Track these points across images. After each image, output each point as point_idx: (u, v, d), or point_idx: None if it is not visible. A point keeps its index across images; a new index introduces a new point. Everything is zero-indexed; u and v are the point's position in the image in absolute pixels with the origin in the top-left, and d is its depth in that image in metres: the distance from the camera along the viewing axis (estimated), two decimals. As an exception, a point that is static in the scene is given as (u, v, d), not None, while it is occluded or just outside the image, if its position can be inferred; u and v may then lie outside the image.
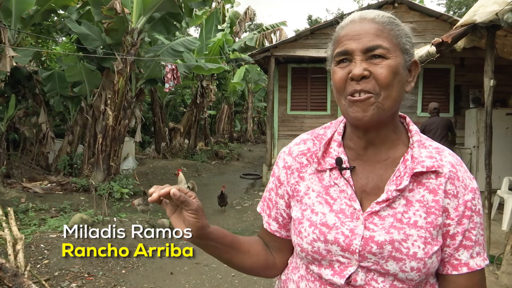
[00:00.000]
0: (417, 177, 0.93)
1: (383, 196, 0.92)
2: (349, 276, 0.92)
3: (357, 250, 0.90)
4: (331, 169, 0.99)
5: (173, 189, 0.90)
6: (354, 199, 0.94)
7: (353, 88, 0.90)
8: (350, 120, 0.94)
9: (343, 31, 0.96)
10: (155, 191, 0.92)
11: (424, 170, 0.92)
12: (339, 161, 0.97)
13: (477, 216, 0.94)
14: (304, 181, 1.03)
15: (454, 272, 0.94)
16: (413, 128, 1.01)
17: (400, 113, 1.02)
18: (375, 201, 0.93)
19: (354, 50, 0.91)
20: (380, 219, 0.92)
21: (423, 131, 7.07)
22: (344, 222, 0.93)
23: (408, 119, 1.04)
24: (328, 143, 1.02)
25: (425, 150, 0.95)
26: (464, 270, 0.94)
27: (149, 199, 0.92)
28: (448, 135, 6.93)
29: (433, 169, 0.92)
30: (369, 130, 0.95)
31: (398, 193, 0.92)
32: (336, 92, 0.95)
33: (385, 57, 0.90)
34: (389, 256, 0.89)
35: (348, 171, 0.97)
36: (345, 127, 1.04)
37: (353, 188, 0.96)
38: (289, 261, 1.12)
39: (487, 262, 0.96)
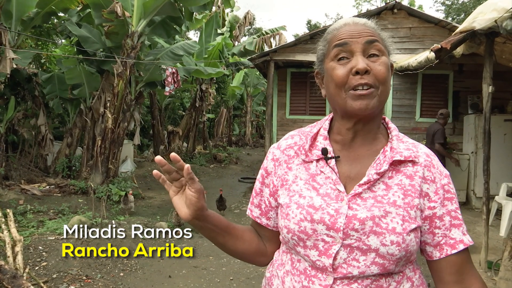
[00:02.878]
0: (395, 165, 1.03)
1: (364, 179, 1.01)
2: (335, 256, 0.97)
3: (341, 228, 0.97)
4: (317, 160, 1.07)
5: (187, 165, 0.97)
6: (339, 182, 1.03)
7: (358, 82, 0.98)
8: (353, 111, 1.00)
9: (339, 31, 1.05)
10: (163, 161, 0.98)
11: (402, 159, 1.02)
12: (325, 151, 1.06)
13: (456, 198, 1.05)
14: (291, 171, 1.10)
15: (454, 251, 1.01)
16: (392, 125, 1.12)
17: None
18: (358, 184, 1.01)
19: (354, 43, 1.00)
20: (362, 200, 1.00)
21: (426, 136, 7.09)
22: (330, 203, 1.00)
23: (387, 119, 1.14)
24: (314, 137, 1.12)
25: (403, 144, 1.06)
26: (461, 246, 1.01)
27: (156, 158, 0.97)
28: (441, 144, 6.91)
29: (410, 159, 1.02)
30: (358, 122, 1.04)
31: (378, 177, 1.01)
32: (335, 87, 1.02)
33: (380, 54, 1.01)
34: (370, 231, 0.96)
35: (333, 160, 1.06)
36: (330, 123, 1.13)
37: (338, 174, 1.04)
38: (274, 258, 1.17)
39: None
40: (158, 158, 0.96)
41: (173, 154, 0.96)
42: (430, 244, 1.03)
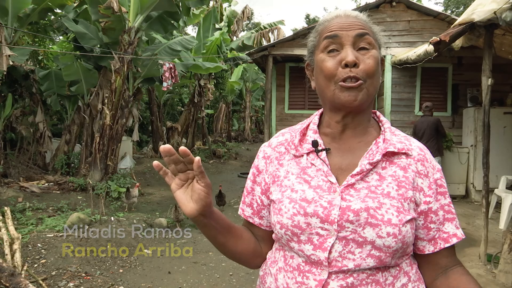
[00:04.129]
0: (389, 157, 1.02)
1: (357, 169, 1.00)
2: (330, 249, 0.95)
3: (336, 220, 0.95)
4: (308, 153, 1.06)
5: (197, 157, 0.92)
6: (330, 174, 1.01)
7: (347, 74, 0.98)
8: (341, 103, 1.00)
9: (330, 23, 1.04)
10: (170, 149, 0.92)
11: (396, 150, 1.01)
12: (315, 143, 1.05)
13: (448, 193, 1.05)
14: (283, 167, 1.09)
15: (447, 245, 1.02)
16: (384, 119, 1.11)
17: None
18: (350, 175, 1.00)
19: (344, 36, 1.00)
20: (356, 191, 0.98)
21: (414, 131, 7.13)
22: (322, 195, 0.99)
23: (378, 113, 1.14)
24: (304, 132, 1.11)
25: (395, 137, 1.05)
26: (454, 240, 1.02)
27: (163, 147, 0.90)
28: (436, 136, 6.98)
29: (404, 151, 1.02)
30: (347, 115, 1.03)
31: (371, 167, 1.00)
32: (324, 79, 1.02)
33: (369, 48, 1.00)
34: (365, 223, 0.94)
35: (324, 152, 1.05)
36: (319, 118, 1.13)
37: (329, 166, 1.03)
38: (267, 256, 1.16)
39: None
40: (167, 147, 0.90)
41: (182, 148, 0.90)
42: (423, 239, 1.03)
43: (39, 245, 4.50)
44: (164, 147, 0.90)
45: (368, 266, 0.94)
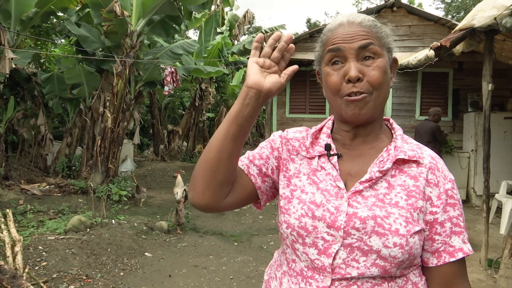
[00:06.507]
0: (399, 165, 1.00)
1: (366, 176, 0.98)
2: (334, 255, 0.94)
3: (342, 226, 0.94)
4: (319, 156, 1.06)
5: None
6: (339, 179, 1.00)
7: (350, 90, 0.97)
8: (347, 118, 1.00)
9: (333, 33, 1.02)
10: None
11: (406, 158, 0.99)
12: (328, 146, 1.05)
13: (459, 204, 1.00)
14: (294, 163, 1.09)
15: (452, 259, 0.97)
16: (396, 126, 1.09)
17: (384, 117, 1.11)
18: (359, 181, 0.99)
19: (347, 49, 0.97)
20: (363, 198, 0.97)
21: (415, 134, 7.15)
22: (330, 200, 0.98)
23: (391, 120, 1.12)
24: (315, 136, 1.11)
25: (407, 145, 1.03)
26: (460, 255, 0.98)
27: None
28: (434, 142, 6.99)
29: (415, 159, 0.99)
30: (357, 126, 1.03)
31: (381, 175, 0.98)
32: (330, 93, 1.01)
33: (375, 57, 0.98)
34: (372, 231, 0.92)
35: (335, 157, 1.04)
36: (333, 123, 1.12)
37: (339, 171, 1.02)
38: (273, 260, 1.17)
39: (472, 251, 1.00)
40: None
41: (289, 35, 1.04)
42: (427, 250, 0.99)
43: (40, 247, 4.51)
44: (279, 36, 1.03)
45: (372, 275, 0.93)
